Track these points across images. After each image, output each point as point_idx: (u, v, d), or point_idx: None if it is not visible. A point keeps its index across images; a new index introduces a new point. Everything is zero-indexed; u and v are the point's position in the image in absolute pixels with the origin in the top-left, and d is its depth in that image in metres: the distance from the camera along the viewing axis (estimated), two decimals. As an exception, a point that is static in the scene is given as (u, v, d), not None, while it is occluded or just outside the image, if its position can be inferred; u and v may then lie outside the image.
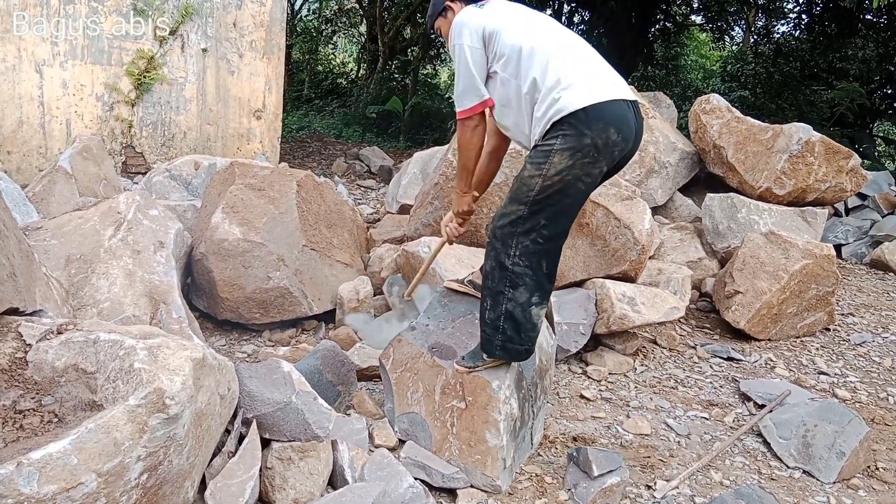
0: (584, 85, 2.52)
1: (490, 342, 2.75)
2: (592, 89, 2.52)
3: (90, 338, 2.14)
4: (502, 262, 2.63)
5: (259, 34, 7.15)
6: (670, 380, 4.01)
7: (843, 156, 5.76)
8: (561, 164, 2.50)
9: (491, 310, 2.71)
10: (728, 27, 16.76)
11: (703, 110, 6.13)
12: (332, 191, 4.82)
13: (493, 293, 2.69)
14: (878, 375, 4.26)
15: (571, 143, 2.49)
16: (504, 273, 2.63)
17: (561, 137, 2.50)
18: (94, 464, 1.80)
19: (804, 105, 13.07)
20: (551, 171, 2.50)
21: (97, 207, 3.65)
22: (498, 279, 2.65)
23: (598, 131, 2.49)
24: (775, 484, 3.07)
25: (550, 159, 2.51)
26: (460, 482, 2.77)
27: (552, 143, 2.51)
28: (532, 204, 2.55)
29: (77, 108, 6.53)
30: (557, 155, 2.50)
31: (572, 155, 2.49)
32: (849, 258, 6.66)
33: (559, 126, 2.51)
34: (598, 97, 2.51)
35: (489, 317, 2.72)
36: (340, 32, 20.28)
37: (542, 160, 2.52)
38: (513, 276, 2.63)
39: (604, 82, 2.59)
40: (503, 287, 2.65)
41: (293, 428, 2.52)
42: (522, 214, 2.57)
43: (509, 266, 2.62)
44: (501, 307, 2.67)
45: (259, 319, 4.17)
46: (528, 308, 2.68)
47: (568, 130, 2.49)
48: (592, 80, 2.57)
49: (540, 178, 2.52)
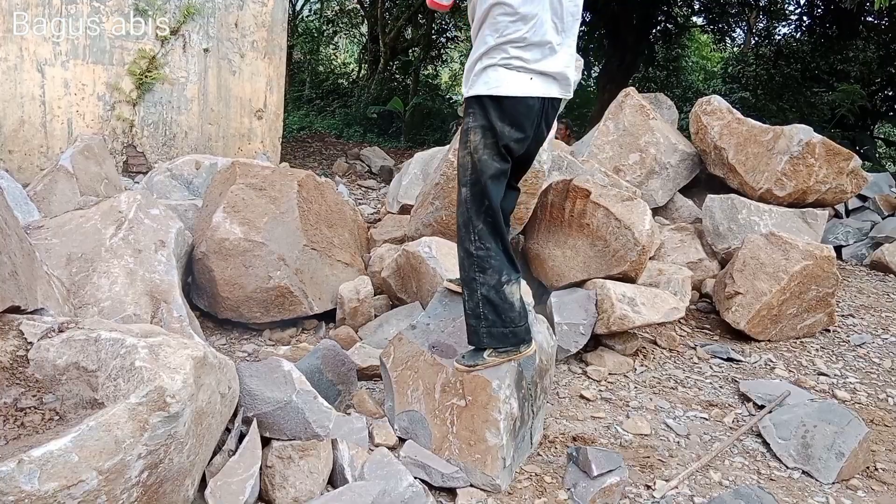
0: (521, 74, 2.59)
1: (476, 333, 2.79)
2: (524, 80, 2.59)
3: (91, 336, 2.15)
4: (468, 249, 2.72)
5: (261, 34, 7.16)
6: (670, 380, 4.02)
7: (844, 157, 5.76)
8: (476, 140, 2.63)
9: (469, 299, 2.77)
10: (729, 29, 16.75)
11: (704, 111, 6.13)
12: (332, 191, 4.83)
13: (468, 281, 2.76)
14: (877, 377, 4.26)
15: (480, 121, 2.62)
16: (471, 259, 2.72)
17: (472, 115, 2.64)
18: (95, 462, 1.80)
19: (805, 107, 13.08)
20: (472, 147, 2.65)
21: (98, 206, 3.65)
22: (468, 267, 2.74)
23: (496, 120, 2.61)
24: (774, 484, 3.07)
25: (469, 137, 2.65)
26: (460, 481, 2.77)
27: (468, 120, 2.66)
28: (471, 184, 2.67)
29: (78, 108, 6.54)
30: (473, 133, 2.64)
31: (484, 133, 2.62)
32: (849, 259, 6.66)
33: (470, 103, 2.64)
34: (524, 90, 2.59)
35: (469, 307, 2.78)
36: (342, 33, 20.30)
37: (465, 138, 2.67)
38: (479, 261, 2.71)
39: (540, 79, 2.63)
40: (474, 273, 2.73)
41: (293, 427, 2.53)
42: (466, 196, 2.69)
43: (473, 252, 2.71)
44: (477, 294, 2.73)
45: (259, 319, 4.17)
46: (501, 288, 2.73)
47: (474, 108, 2.63)
48: (525, 70, 2.60)
49: (468, 156, 2.66)
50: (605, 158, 6.08)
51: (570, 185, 4.26)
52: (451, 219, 4.63)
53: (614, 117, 6.24)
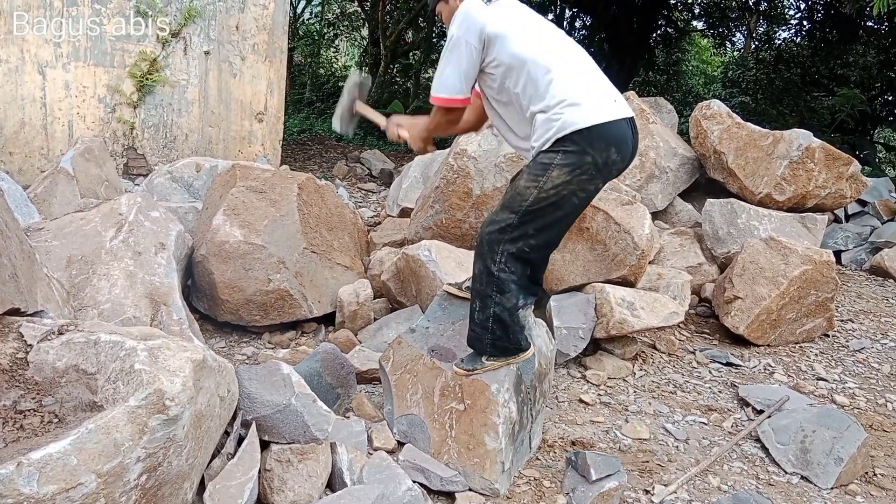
0: (589, 103, 2.54)
1: (480, 340, 2.81)
2: (597, 108, 2.55)
3: (91, 339, 2.15)
4: (489, 268, 2.67)
5: (261, 37, 7.17)
6: (669, 385, 4.02)
7: (843, 162, 5.76)
8: (559, 178, 2.54)
9: (480, 311, 2.76)
10: (729, 33, 16.78)
11: (704, 116, 6.14)
12: (332, 194, 4.83)
13: (482, 296, 2.74)
14: (876, 382, 4.26)
15: (572, 159, 2.52)
16: (491, 279, 2.68)
17: (562, 154, 2.53)
18: (94, 464, 1.80)
19: (805, 111, 13.08)
20: (548, 185, 2.55)
21: (98, 209, 3.66)
22: (486, 283, 2.70)
23: (599, 150, 2.53)
24: (773, 489, 3.07)
25: (549, 173, 2.54)
26: (458, 485, 2.77)
27: (552, 157, 2.55)
28: (523, 214, 2.59)
29: (79, 110, 6.54)
30: (556, 170, 2.54)
31: (571, 171, 2.53)
32: (848, 264, 6.66)
33: (562, 142, 2.53)
34: (603, 117, 2.54)
35: (478, 317, 2.78)
36: (342, 36, 20.30)
37: (541, 173, 2.56)
38: (499, 282, 2.67)
39: (608, 101, 2.61)
40: (490, 291, 2.70)
41: (292, 430, 2.53)
42: (512, 223, 2.61)
43: (495, 272, 2.66)
44: (490, 310, 2.72)
45: (259, 321, 4.17)
46: (516, 312, 2.74)
47: (570, 147, 2.52)
48: (597, 98, 2.59)
49: (535, 190, 2.56)
50: (605, 162, 6.08)
51: (570, 189, 4.26)
52: (451, 222, 4.65)
53: (614, 121, 6.24)
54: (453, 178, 4.62)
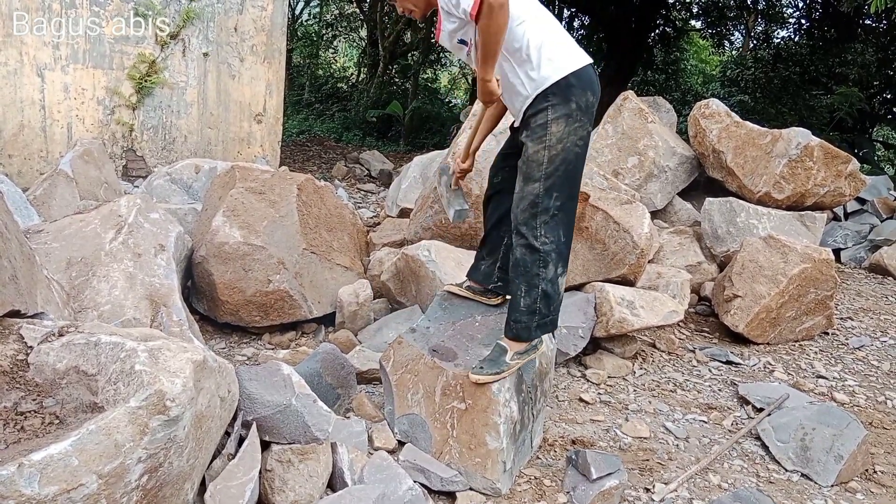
0: (557, 55, 2.63)
1: (528, 329, 2.79)
2: (565, 58, 2.63)
3: (91, 340, 2.15)
4: (532, 245, 2.69)
5: (260, 38, 7.18)
6: (669, 383, 4.02)
7: (842, 160, 5.77)
8: (559, 132, 2.61)
9: (526, 295, 2.75)
10: (727, 32, 16.79)
11: (703, 115, 6.15)
12: (332, 194, 4.84)
13: (529, 277, 2.73)
14: (876, 379, 4.26)
15: (561, 110, 2.60)
16: (536, 255, 2.69)
17: (550, 108, 2.60)
18: (95, 465, 1.81)
19: (804, 110, 13.09)
20: (553, 140, 2.61)
21: (98, 210, 3.66)
22: (531, 262, 2.71)
23: (578, 95, 2.62)
24: (773, 487, 3.08)
25: (549, 129, 2.61)
26: (459, 485, 2.78)
27: (544, 115, 2.61)
28: (545, 178, 2.64)
29: (78, 112, 6.55)
30: (553, 125, 2.61)
31: (566, 121, 2.61)
32: (848, 262, 6.67)
33: (543, 98, 2.61)
34: (571, 65, 2.62)
35: (525, 303, 2.76)
36: (341, 37, 20.32)
37: (542, 133, 2.62)
38: (543, 255, 2.69)
39: (570, 50, 2.68)
40: (537, 269, 2.71)
41: (293, 430, 2.53)
42: (538, 192, 2.65)
43: (539, 247, 2.68)
44: (537, 289, 2.73)
45: (259, 322, 4.18)
46: (556, 280, 2.77)
47: (553, 100, 2.60)
48: (562, 49, 2.66)
49: (545, 150, 2.62)
50: (604, 162, 6.09)
51: (569, 189, 4.26)
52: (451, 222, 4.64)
53: (613, 121, 6.26)
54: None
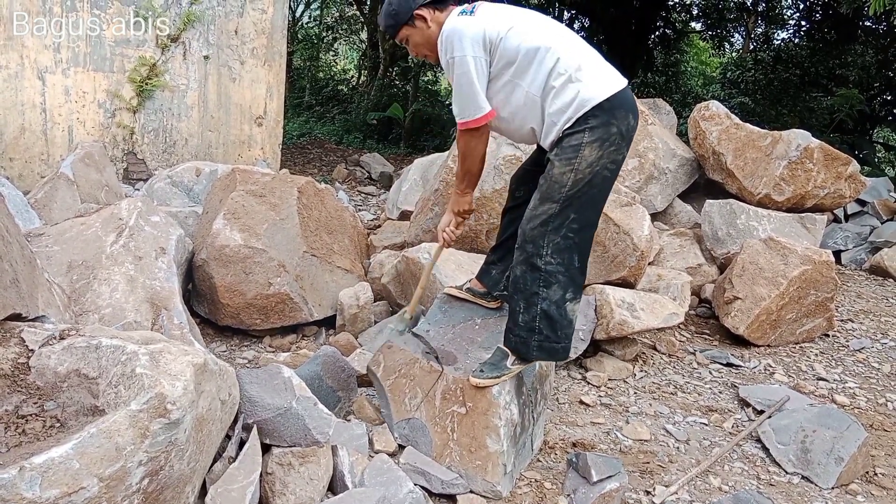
0: (599, 77, 2.60)
1: (525, 344, 2.74)
2: (607, 80, 2.60)
3: (92, 343, 2.16)
4: (534, 264, 2.64)
5: (260, 41, 7.19)
6: (669, 385, 4.02)
7: (842, 162, 5.78)
8: (591, 156, 2.55)
9: (524, 312, 2.70)
10: (727, 34, 16.81)
11: (703, 117, 6.15)
12: (332, 197, 4.84)
13: (526, 295, 2.68)
14: (876, 381, 4.26)
15: (599, 133, 2.55)
16: (536, 274, 2.65)
17: (588, 131, 2.55)
18: (96, 468, 1.81)
19: (804, 111, 13.10)
20: (583, 165, 2.55)
21: (99, 214, 3.67)
22: (531, 281, 2.66)
23: (621, 119, 2.58)
24: (774, 489, 3.08)
25: (581, 153, 2.55)
26: (459, 488, 2.78)
27: (580, 137, 2.55)
28: (564, 201, 2.58)
29: (79, 115, 6.56)
30: (587, 148, 2.55)
31: (601, 146, 2.55)
32: (848, 264, 6.67)
33: (584, 120, 2.55)
34: (614, 87, 2.59)
35: (523, 319, 2.71)
36: (341, 39, 20.35)
37: (573, 156, 2.56)
38: (546, 276, 2.64)
39: (611, 72, 2.66)
40: (537, 288, 2.66)
41: (293, 433, 2.53)
42: (553, 213, 2.60)
43: (542, 266, 2.63)
44: (536, 308, 2.67)
45: (260, 325, 4.18)
46: (563, 305, 2.70)
47: (594, 123, 2.54)
48: (603, 71, 2.64)
49: (572, 174, 2.56)
50: (604, 164, 6.09)
51: (569, 191, 4.27)
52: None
53: (613, 123, 6.26)
54: (453, 180, 4.62)
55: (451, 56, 2.62)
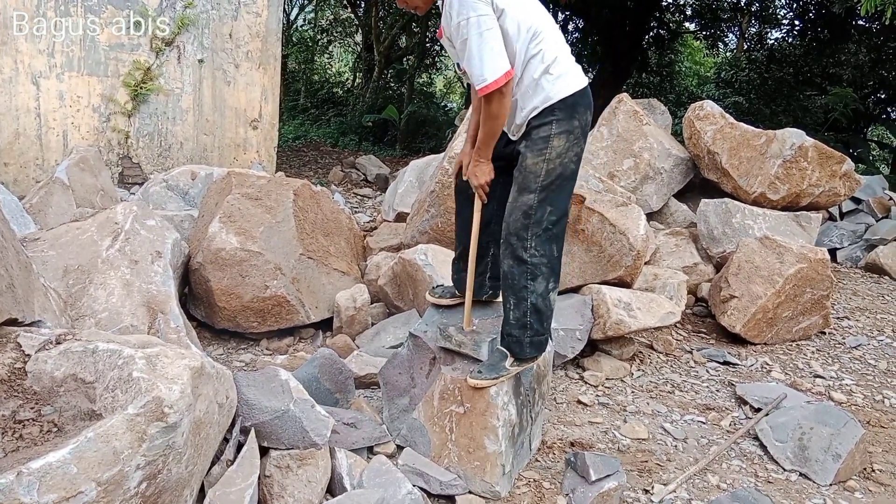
0: (569, 73, 2.66)
1: (519, 343, 2.77)
2: (574, 77, 2.67)
3: (89, 347, 2.15)
4: (520, 257, 2.69)
5: (255, 45, 7.18)
6: (667, 384, 4.03)
7: (837, 160, 5.79)
8: (559, 147, 2.63)
9: (515, 308, 2.74)
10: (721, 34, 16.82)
11: (697, 116, 6.17)
12: (328, 199, 4.84)
13: (516, 290, 2.73)
14: (873, 378, 4.28)
15: (564, 126, 2.63)
16: (523, 267, 2.69)
17: (554, 123, 2.62)
18: (94, 473, 1.81)
19: (798, 110, 13.14)
20: (553, 154, 2.63)
21: (94, 218, 3.66)
22: (518, 275, 2.71)
23: (580, 114, 2.67)
24: (772, 487, 3.09)
25: (550, 143, 2.63)
26: (458, 489, 2.78)
27: (548, 129, 2.62)
28: (540, 191, 2.64)
29: (74, 120, 6.55)
30: (555, 139, 2.62)
31: (567, 137, 2.63)
32: (844, 262, 6.69)
33: (550, 112, 2.62)
34: (579, 84, 2.67)
35: (514, 317, 2.75)
36: (336, 42, 20.35)
37: (543, 146, 2.63)
38: (532, 268, 2.69)
39: (578, 69, 2.72)
40: (525, 282, 2.71)
41: (291, 436, 2.53)
42: (532, 203, 2.65)
43: (527, 259, 2.68)
44: (526, 302, 2.72)
45: (257, 328, 4.18)
46: (548, 295, 2.76)
47: (559, 115, 2.62)
48: (572, 67, 2.69)
49: (544, 164, 2.63)
50: (600, 164, 6.11)
51: (565, 192, 4.27)
52: (448, 226, 4.65)
53: (608, 123, 6.27)
54: (448, 181, 4.62)
55: (467, 16, 2.52)
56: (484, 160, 2.74)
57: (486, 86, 2.50)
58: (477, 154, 2.74)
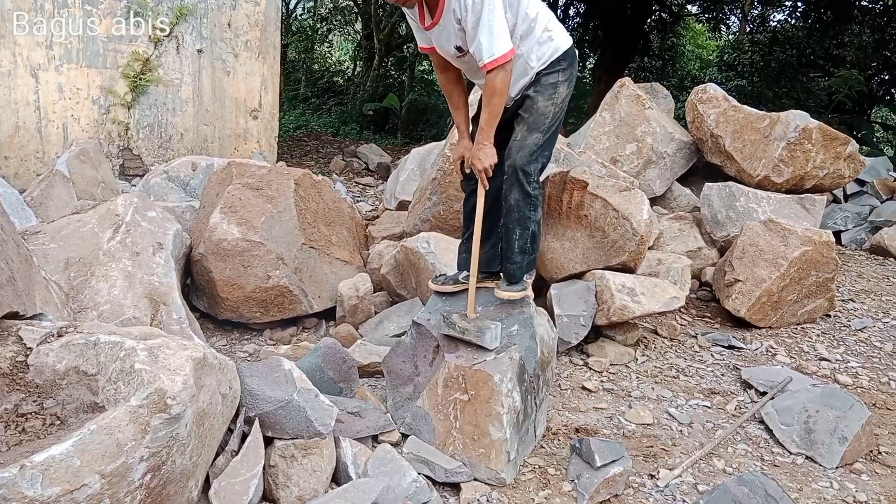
0: (561, 28, 3.01)
1: (521, 267, 3.04)
2: (565, 32, 3.03)
3: (90, 340, 2.15)
4: (526, 190, 2.94)
5: (254, 34, 7.15)
6: (672, 369, 4.02)
7: (841, 142, 5.75)
8: (564, 92, 2.98)
9: (520, 238, 3.01)
10: (724, 16, 16.69)
11: (700, 100, 6.12)
12: (329, 188, 4.82)
13: (522, 220, 2.99)
14: (879, 360, 4.26)
15: (567, 75, 2.98)
16: (528, 199, 2.96)
17: (560, 72, 2.95)
18: (98, 465, 1.80)
19: (801, 93, 13.03)
20: (559, 99, 2.96)
21: (95, 210, 3.65)
22: (524, 206, 2.97)
23: (574, 66, 3.02)
24: (778, 470, 3.08)
25: (558, 90, 2.95)
26: (463, 476, 2.78)
27: (556, 76, 2.95)
28: (546, 131, 2.94)
29: (73, 112, 6.53)
30: (562, 86, 2.97)
31: (568, 85, 2.99)
32: (848, 244, 6.65)
33: (557, 63, 2.94)
34: (570, 39, 3.02)
35: (519, 245, 3.01)
36: (336, 30, 20.23)
37: (553, 92, 2.94)
38: (534, 200, 2.98)
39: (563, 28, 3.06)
40: (529, 212, 2.99)
41: (295, 425, 2.52)
42: (540, 142, 2.93)
43: (531, 192, 2.95)
44: (529, 231, 3.02)
45: (259, 318, 4.17)
46: (539, 222, 3.10)
47: (564, 65, 2.96)
48: (561, 26, 3.03)
49: (553, 107, 2.94)
50: (602, 149, 6.07)
51: (567, 177, 4.25)
52: (449, 214, 4.64)
53: (610, 108, 6.23)
54: (450, 169, 4.60)
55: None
56: (487, 143, 2.88)
57: (495, 59, 2.71)
58: (480, 136, 2.89)
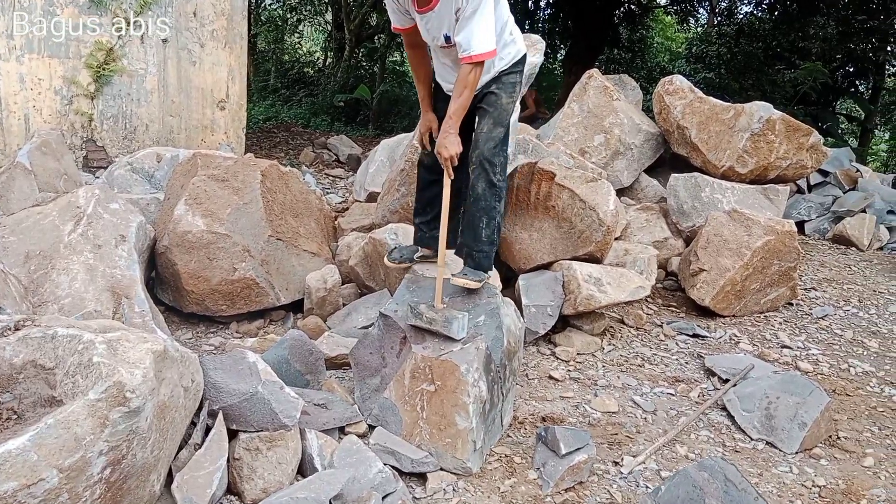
0: (520, 32, 3.28)
1: (488, 257, 3.20)
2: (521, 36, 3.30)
3: (48, 333, 2.11)
4: (491, 181, 3.11)
5: (220, 23, 7.04)
6: (637, 358, 4.07)
7: (804, 133, 5.84)
8: (518, 91, 3.26)
9: (486, 227, 3.16)
10: (692, 9, 16.84)
11: (667, 91, 6.17)
12: (297, 180, 4.79)
13: (488, 210, 3.14)
14: (839, 347, 4.35)
15: (522, 76, 3.28)
16: (494, 190, 3.13)
17: (519, 73, 3.24)
18: (55, 459, 1.78)
19: (767, 85, 13.20)
20: (516, 96, 3.24)
21: (56, 202, 3.59)
22: (490, 196, 3.14)
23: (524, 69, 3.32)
24: (739, 456, 3.14)
25: (517, 88, 3.23)
26: (429, 466, 2.79)
27: (515, 76, 3.22)
28: (507, 125, 3.17)
29: (35, 103, 6.39)
30: (519, 85, 3.25)
31: (521, 85, 3.30)
32: (812, 234, 6.78)
33: (517, 64, 3.22)
34: None
35: (486, 234, 3.16)
36: (306, 21, 20.03)
37: (513, 89, 3.20)
38: (499, 191, 3.15)
39: None
40: (494, 202, 3.15)
41: (260, 418, 2.51)
42: (503, 135, 3.13)
43: (497, 182, 3.13)
44: (495, 221, 3.18)
45: (226, 311, 4.14)
46: (503, 214, 3.27)
47: (521, 67, 3.26)
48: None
49: (511, 104, 3.21)
50: (571, 141, 6.10)
51: (535, 168, 4.27)
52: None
53: (578, 99, 6.26)
54: (417, 159, 4.59)
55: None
56: (453, 132, 3.00)
57: (475, 55, 2.89)
58: (447, 125, 3.01)
